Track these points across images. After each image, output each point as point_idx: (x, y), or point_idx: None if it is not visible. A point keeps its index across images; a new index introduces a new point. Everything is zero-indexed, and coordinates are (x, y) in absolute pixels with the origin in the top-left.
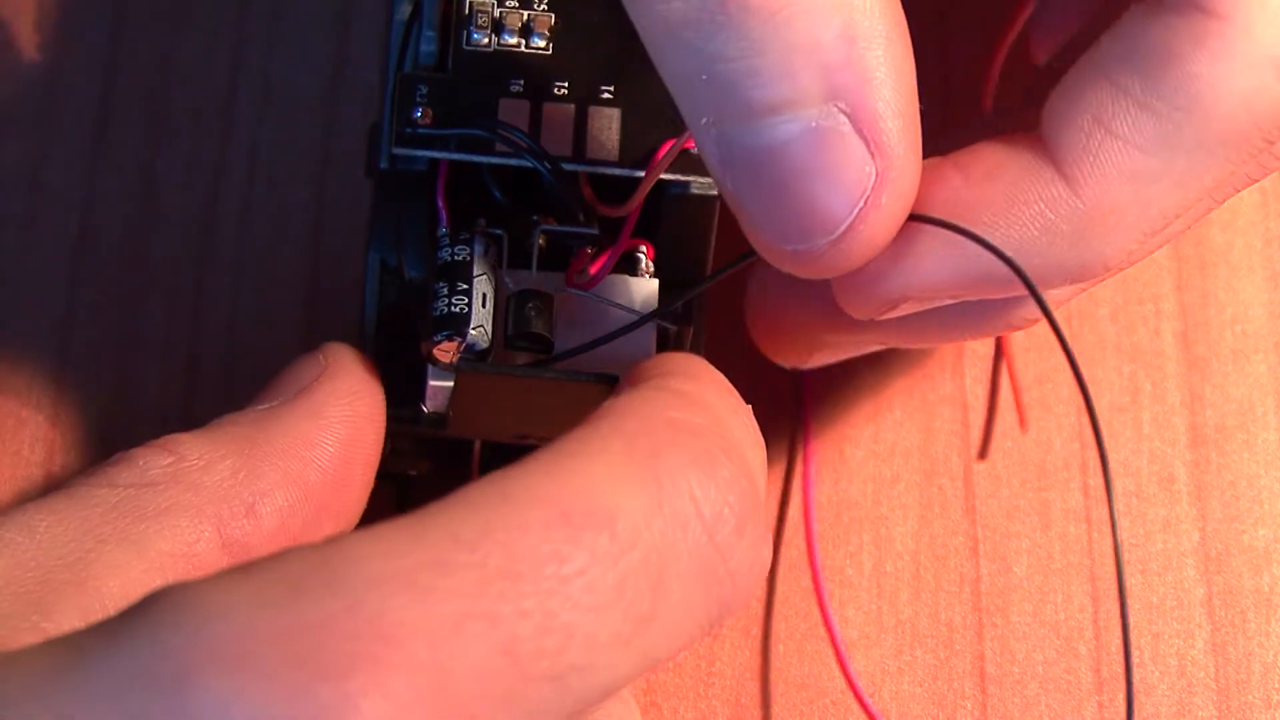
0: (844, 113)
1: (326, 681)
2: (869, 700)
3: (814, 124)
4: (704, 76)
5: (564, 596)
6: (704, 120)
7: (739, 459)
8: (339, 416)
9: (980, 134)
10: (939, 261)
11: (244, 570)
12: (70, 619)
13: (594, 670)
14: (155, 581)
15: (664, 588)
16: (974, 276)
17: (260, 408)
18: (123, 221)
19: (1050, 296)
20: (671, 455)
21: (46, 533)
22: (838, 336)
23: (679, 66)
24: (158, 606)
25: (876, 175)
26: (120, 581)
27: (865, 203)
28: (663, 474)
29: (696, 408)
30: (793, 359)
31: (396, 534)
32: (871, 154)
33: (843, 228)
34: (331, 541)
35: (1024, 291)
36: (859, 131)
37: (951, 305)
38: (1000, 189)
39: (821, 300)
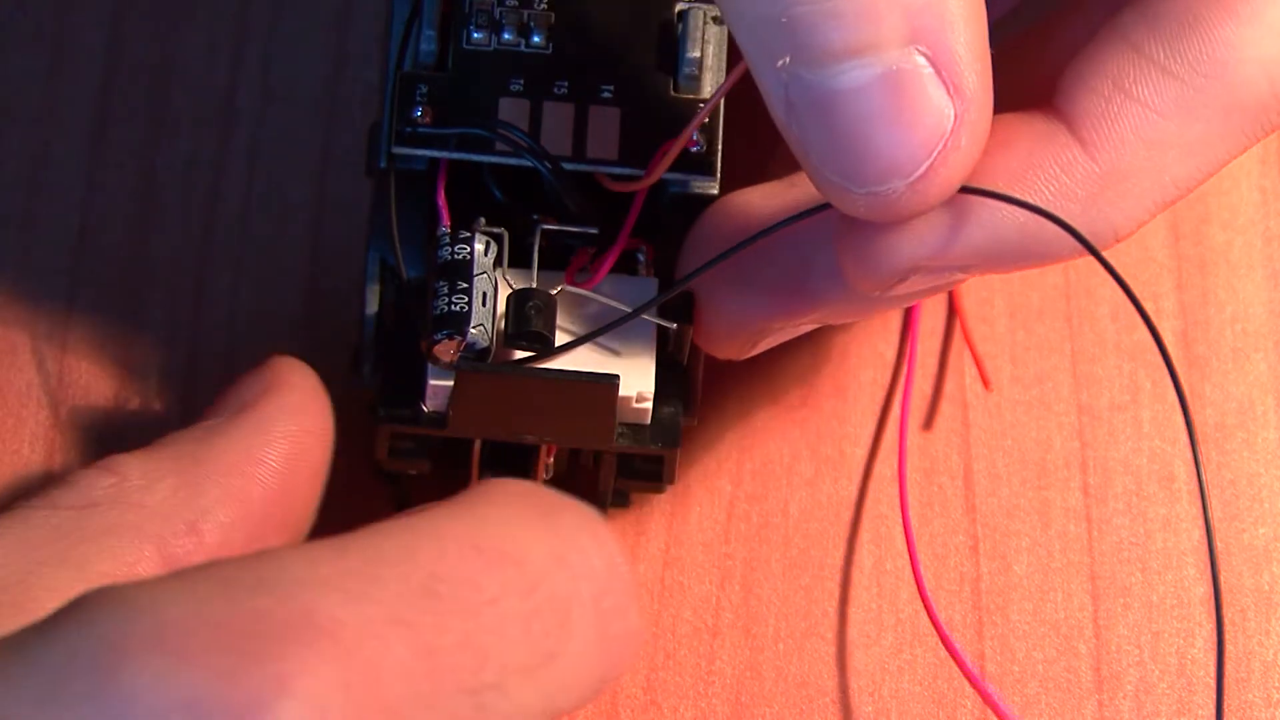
0: (924, 55)
1: (259, 663)
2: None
3: (895, 67)
4: (783, 19)
5: (479, 620)
6: (779, 63)
7: (616, 543)
8: (283, 432)
9: None
10: (982, 229)
11: (174, 574)
12: None
13: (506, 694)
14: None
15: (567, 631)
16: (1014, 243)
17: (205, 424)
18: (123, 221)
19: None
20: (565, 516)
21: None
22: (781, 322)
23: (758, 8)
24: (89, 603)
25: (955, 118)
26: (59, 603)
27: (945, 145)
28: (561, 530)
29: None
30: (734, 351)
31: (321, 549)
32: (951, 96)
33: (921, 169)
34: (259, 553)
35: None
36: (939, 74)
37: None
38: (1016, 155)
39: (767, 291)
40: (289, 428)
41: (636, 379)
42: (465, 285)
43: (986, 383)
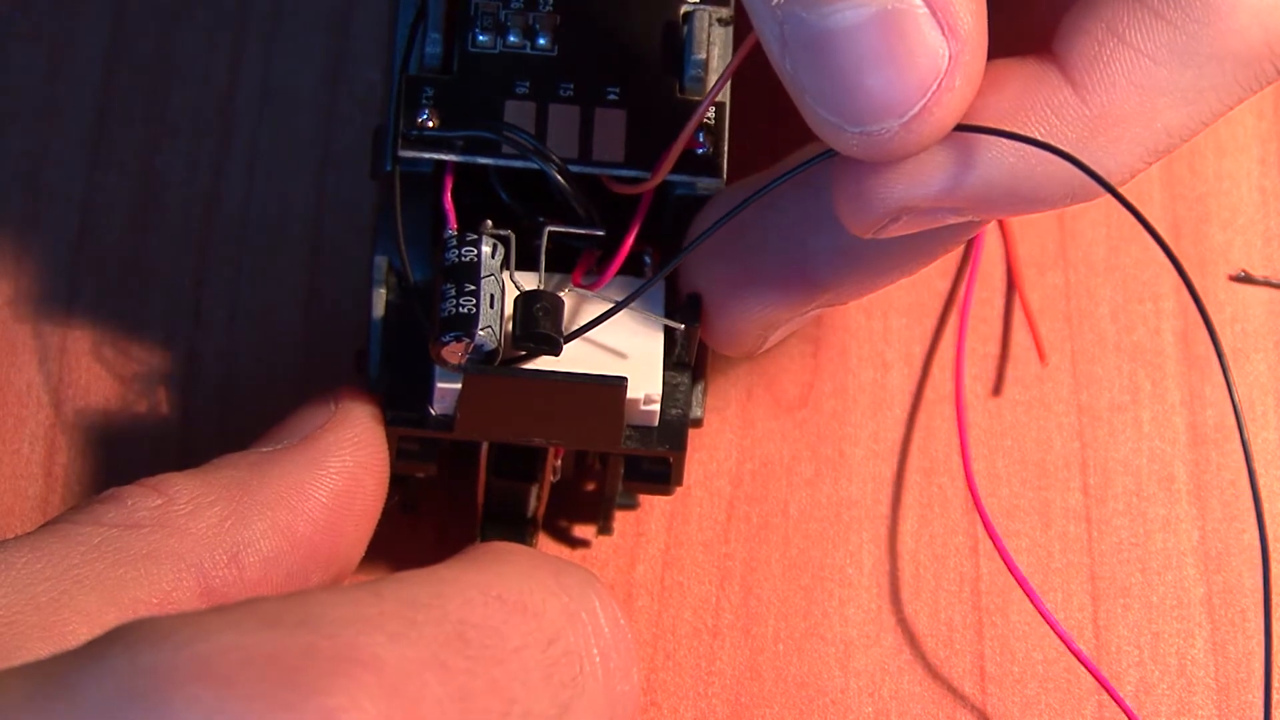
0: None
1: (308, 696)
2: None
3: (890, 6)
4: None
5: (506, 667)
6: (775, 2)
7: (618, 605)
8: (338, 467)
9: None
10: (974, 170)
11: (216, 608)
12: None
13: None
14: None
15: (580, 686)
16: (1005, 184)
17: (261, 450)
18: (123, 221)
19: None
20: (573, 576)
21: (24, 569)
22: (790, 312)
23: None
24: (131, 633)
25: (950, 58)
26: (89, 628)
27: (939, 85)
28: (570, 588)
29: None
30: (745, 348)
31: (358, 592)
32: (945, 37)
33: (915, 109)
34: (301, 592)
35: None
36: (934, 14)
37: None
38: (1007, 97)
39: (771, 284)
40: (345, 462)
41: (644, 381)
42: (473, 288)
43: (1043, 356)
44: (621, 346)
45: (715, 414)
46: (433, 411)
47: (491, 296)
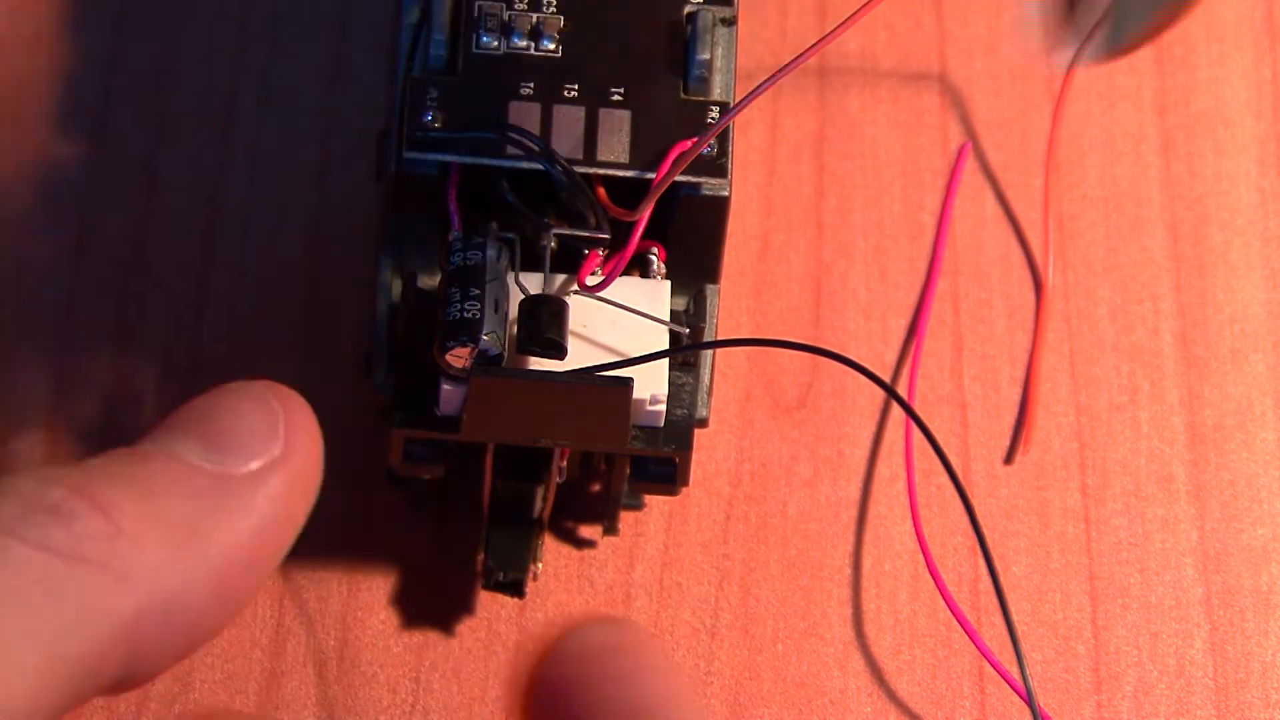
0: None
1: None
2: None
3: None
4: None
5: None
6: None
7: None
8: (283, 517)
9: None
10: None
11: None
12: None
13: None
14: (55, 683)
15: None
16: None
17: (203, 468)
18: (123, 221)
19: None
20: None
21: None
22: None
23: None
24: None
25: None
26: (24, 685)
27: None
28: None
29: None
30: None
31: None
32: None
33: None
34: None
35: None
36: None
37: None
38: None
39: None
40: (289, 516)
41: (650, 382)
42: (478, 292)
43: (1027, 444)
44: (626, 348)
45: (714, 415)
46: (439, 413)
47: (496, 301)
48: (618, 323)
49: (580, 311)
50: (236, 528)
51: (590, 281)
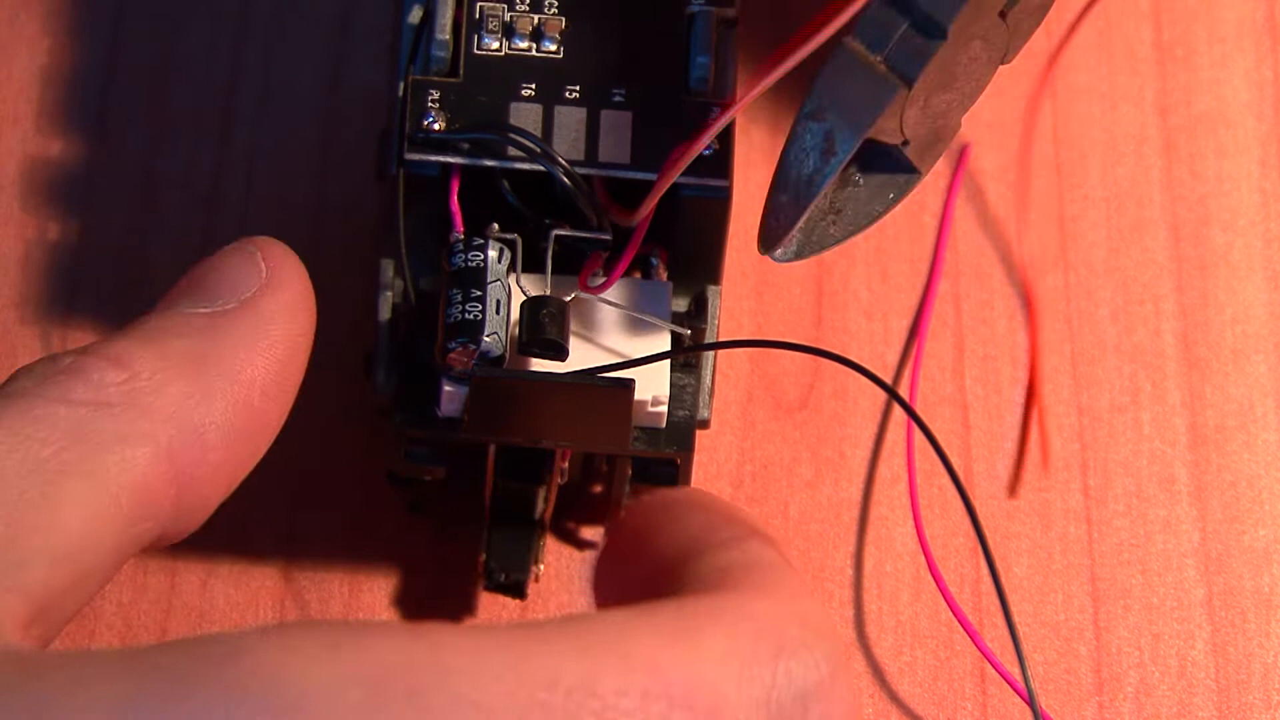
0: None
1: None
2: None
3: None
4: None
5: None
6: None
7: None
8: (281, 335)
9: None
10: None
11: (331, 647)
12: (42, 568)
13: None
14: (116, 520)
15: None
16: None
17: (200, 312)
18: (123, 221)
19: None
20: (797, 658)
21: (8, 459)
22: None
23: None
24: (241, 669)
25: None
26: (81, 519)
27: None
28: (780, 675)
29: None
30: None
31: (492, 653)
32: None
33: None
34: (424, 634)
35: None
36: None
37: None
38: None
39: None
40: (288, 329)
41: (651, 383)
42: (479, 293)
43: (1046, 461)
44: (628, 349)
45: (715, 416)
46: (440, 414)
47: (498, 302)
48: (619, 324)
49: (581, 312)
50: (242, 352)
51: (592, 282)
